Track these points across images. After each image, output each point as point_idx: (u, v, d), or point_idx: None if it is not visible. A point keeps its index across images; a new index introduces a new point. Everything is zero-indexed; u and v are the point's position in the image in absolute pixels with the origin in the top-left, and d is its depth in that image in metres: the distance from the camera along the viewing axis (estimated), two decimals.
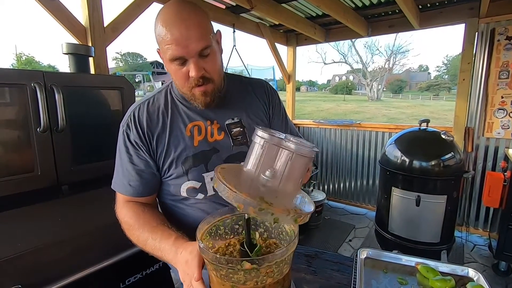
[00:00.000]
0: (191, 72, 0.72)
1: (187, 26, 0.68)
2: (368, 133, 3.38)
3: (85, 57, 1.42)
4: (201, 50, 0.70)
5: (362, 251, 0.93)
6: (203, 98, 0.78)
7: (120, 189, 0.83)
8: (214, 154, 0.83)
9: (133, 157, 0.81)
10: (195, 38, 0.69)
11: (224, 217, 0.67)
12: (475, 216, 2.80)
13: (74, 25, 1.65)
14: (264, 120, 0.93)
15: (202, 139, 0.83)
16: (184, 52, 0.69)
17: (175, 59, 0.71)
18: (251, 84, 0.95)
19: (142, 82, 26.70)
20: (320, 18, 3.05)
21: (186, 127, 0.82)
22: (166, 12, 0.70)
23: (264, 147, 0.55)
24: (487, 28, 2.51)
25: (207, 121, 0.84)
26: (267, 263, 0.53)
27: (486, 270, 2.33)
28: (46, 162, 1.19)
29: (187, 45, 0.68)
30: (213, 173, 0.81)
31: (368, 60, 37.09)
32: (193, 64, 0.71)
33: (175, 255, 0.66)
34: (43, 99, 1.13)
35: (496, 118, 2.55)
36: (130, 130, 0.81)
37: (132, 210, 0.80)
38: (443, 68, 57.82)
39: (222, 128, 0.85)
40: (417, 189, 2.03)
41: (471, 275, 0.82)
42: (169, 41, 0.68)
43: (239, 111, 0.89)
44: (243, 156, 0.79)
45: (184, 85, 0.76)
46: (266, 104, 0.95)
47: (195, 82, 0.74)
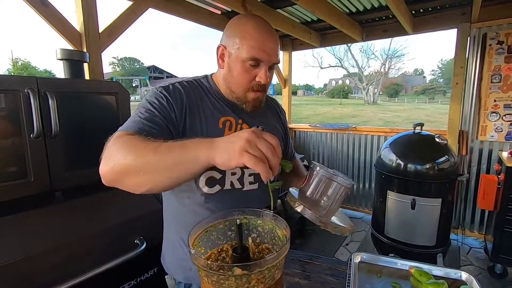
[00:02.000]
0: (260, 77, 0.79)
1: (275, 40, 0.80)
2: (364, 136, 3.40)
3: (79, 63, 1.42)
4: (274, 64, 0.81)
5: (356, 255, 0.94)
6: (255, 103, 0.85)
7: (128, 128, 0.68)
8: None
9: (158, 107, 0.73)
10: (276, 51, 0.80)
11: (216, 222, 0.67)
12: (471, 218, 2.81)
13: (69, 31, 1.65)
14: (280, 135, 1.02)
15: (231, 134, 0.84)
16: (265, 58, 0.77)
17: (253, 59, 0.77)
18: (273, 102, 1.07)
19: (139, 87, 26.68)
20: (315, 23, 3.08)
21: (219, 119, 0.85)
22: (260, 21, 0.79)
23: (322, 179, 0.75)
24: (479, 33, 2.55)
25: (239, 120, 0.88)
26: (259, 268, 0.53)
27: (482, 272, 2.34)
28: (39, 168, 1.18)
29: (270, 54, 0.77)
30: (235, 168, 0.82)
31: (364, 64, 37.54)
32: (265, 71, 0.79)
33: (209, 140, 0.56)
34: (36, 105, 1.13)
35: (489, 121, 2.58)
36: (167, 92, 0.78)
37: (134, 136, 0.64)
38: (438, 72, 58.46)
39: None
40: (412, 192, 2.04)
41: (464, 279, 0.82)
42: (258, 43, 0.76)
43: (263, 121, 0.96)
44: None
45: (243, 85, 0.81)
46: (281, 122, 1.05)
47: (257, 87, 0.81)
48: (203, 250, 0.64)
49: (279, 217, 0.67)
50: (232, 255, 0.61)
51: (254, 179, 0.89)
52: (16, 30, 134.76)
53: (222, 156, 0.53)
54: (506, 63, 2.47)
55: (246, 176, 0.88)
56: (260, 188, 0.91)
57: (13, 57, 31.92)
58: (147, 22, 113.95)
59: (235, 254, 0.60)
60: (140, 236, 1.27)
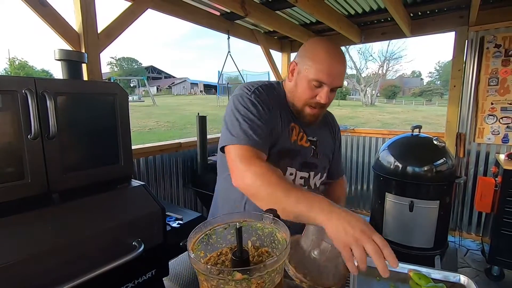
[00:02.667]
0: (320, 97, 0.87)
1: (342, 66, 0.86)
2: (362, 138, 3.41)
3: (78, 64, 1.41)
4: (336, 87, 0.88)
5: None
6: (310, 118, 0.94)
7: (241, 141, 0.81)
8: (298, 155, 0.98)
9: (259, 110, 0.87)
10: (341, 76, 0.87)
11: (216, 225, 0.67)
12: (468, 220, 2.83)
13: (67, 31, 1.64)
14: (330, 148, 1.11)
15: (295, 139, 0.97)
16: (328, 82, 0.85)
17: (317, 81, 0.85)
18: (330, 117, 1.15)
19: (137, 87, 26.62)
20: (314, 25, 3.09)
21: (290, 123, 0.96)
22: (330, 45, 0.86)
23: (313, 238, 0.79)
24: (477, 36, 2.56)
25: (301, 128, 0.99)
26: (258, 273, 0.52)
27: (479, 275, 2.34)
28: (36, 169, 1.17)
29: (334, 78, 0.85)
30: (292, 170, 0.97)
31: (362, 66, 37.59)
32: (326, 93, 0.87)
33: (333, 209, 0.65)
34: (34, 105, 1.12)
35: (486, 124, 2.60)
36: (260, 93, 0.90)
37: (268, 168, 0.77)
38: (435, 74, 58.83)
39: (307, 139, 1.01)
40: (410, 194, 2.05)
41: (462, 282, 0.83)
42: (325, 66, 0.83)
43: (319, 133, 1.05)
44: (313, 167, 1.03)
45: (304, 100, 0.91)
46: (334, 137, 1.14)
47: (315, 104, 0.90)
48: (202, 253, 0.64)
49: (279, 220, 0.67)
50: (232, 258, 0.60)
51: (304, 182, 1.00)
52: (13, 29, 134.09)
53: (333, 231, 0.62)
54: (503, 66, 2.48)
55: (298, 179, 0.98)
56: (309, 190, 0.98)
57: (10, 56, 31.69)
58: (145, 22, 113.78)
59: (234, 257, 0.59)
60: (138, 238, 1.26)
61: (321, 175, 1.06)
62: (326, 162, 1.08)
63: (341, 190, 1.20)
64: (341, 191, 1.20)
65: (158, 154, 2.42)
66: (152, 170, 2.39)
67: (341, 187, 1.22)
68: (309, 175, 1.01)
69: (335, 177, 1.20)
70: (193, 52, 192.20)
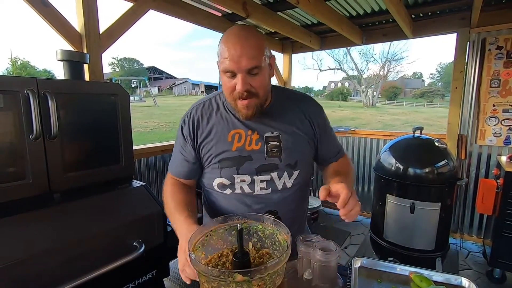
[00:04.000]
0: (237, 86, 0.83)
1: (243, 46, 0.80)
2: (363, 140, 3.40)
3: (79, 64, 1.41)
4: (250, 68, 0.81)
5: (356, 260, 0.93)
6: (244, 111, 0.88)
7: (170, 170, 1.05)
8: (247, 161, 0.94)
9: (183, 148, 0.99)
10: (247, 56, 0.79)
11: (217, 226, 0.67)
12: (469, 223, 2.82)
13: (69, 31, 1.65)
14: (303, 138, 0.99)
15: (240, 146, 0.94)
16: (235, 67, 0.80)
17: (226, 72, 0.83)
18: (298, 102, 1.03)
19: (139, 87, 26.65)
20: (315, 26, 3.09)
21: (229, 132, 0.94)
22: (229, 33, 0.84)
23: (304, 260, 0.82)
24: (478, 38, 2.56)
25: (249, 131, 0.94)
26: (259, 275, 0.52)
27: (481, 277, 2.33)
28: (38, 169, 1.17)
29: (239, 61, 0.80)
30: (243, 176, 0.95)
31: (363, 67, 37.63)
32: (240, 79, 0.82)
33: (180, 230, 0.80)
34: (36, 106, 1.12)
35: (488, 126, 2.59)
36: (184, 124, 0.98)
37: (173, 186, 1.00)
38: (436, 76, 58.76)
39: (261, 138, 0.95)
40: (411, 196, 2.04)
41: (464, 284, 0.82)
42: (226, 55, 0.80)
43: (280, 126, 0.96)
44: (273, 168, 0.96)
45: (229, 95, 0.87)
46: (309, 121, 1.01)
47: (239, 95, 0.84)
48: (203, 255, 0.64)
49: (280, 222, 0.67)
50: (232, 260, 0.60)
51: (266, 186, 0.96)
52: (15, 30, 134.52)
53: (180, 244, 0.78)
54: (505, 68, 2.48)
55: (258, 183, 0.95)
56: (273, 193, 0.96)
57: (12, 57, 31.80)
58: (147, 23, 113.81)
59: (235, 259, 0.59)
60: (139, 239, 1.26)
61: (291, 173, 0.97)
62: (298, 156, 0.97)
63: (340, 165, 1.06)
64: (341, 166, 1.06)
65: (159, 154, 2.42)
66: (153, 171, 2.39)
67: (340, 164, 1.07)
68: (271, 177, 0.95)
69: (329, 162, 1.08)
70: (194, 53, 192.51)
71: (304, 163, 1.00)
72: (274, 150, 0.94)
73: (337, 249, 0.83)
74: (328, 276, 0.82)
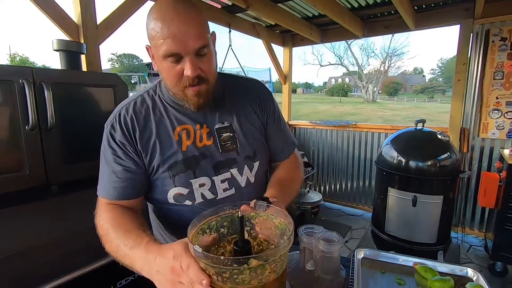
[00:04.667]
0: (186, 71, 0.68)
1: (187, 22, 0.65)
2: (364, 134, 3.38)
3: (76, 54, 1.39)
4: (199, 49, 0.67)
5: (359, 251, 0.92)
6: (196, 99, 0.73)
7: (103, 193, 0.77)
8: (202, 160, 0.79)
9: (120, 157, 0.75)
10: (194, 35, 0.66)
11: (208, 219, 0.65)
12: (471, 216, 2.80)
13: (66, 22, 1.61)
14: (256, 126, 0.87)
15: (190, 143, 0.78)
16: (181, 49, 0.66)
17: (170, 55, 0.67)
18: (246, 86, 0.90)
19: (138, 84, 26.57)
20: (316, 18, 3.05)
21: (174, 130, 0.78)
22: (162, 7, 0.67)
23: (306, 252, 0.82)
24: (482, 29, 2.52)
25: (197, 125, 0.79)
26: (273, 257, 0.51)
27: (482, 270, 2.33)
28: (35, 161, 1.15)
29: (185, 41, 0.65)
30: (201, 180, 0.79)
31: (364, 63, 37.42)
32: (189, 63, 0.67)
33: (147, 262, 0.57)
34: (31, 96, 1.10)
35: (491, 119, 2.56)
36: (114, 130, 0.76)
37: (109, 213, 0.73)
38: (437, 71, 58.51)
39: (211, 132, 0.81)
40: (413, 189, 2.03)
41: (470, 275, 0.81)
42: (165, 35, 0.65)
43: (230, 115, 0.84)
44: (231, 163, 0.83)
45: (176, 84, 0.72)
46: (260, 109, 0.89)
47: (189, 81, 0.70)
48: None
49: (274, 206, 0.65)
50: (234, 249, 0.58)
51: (228, 185, 0.82)
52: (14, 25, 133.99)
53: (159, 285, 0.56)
54: (509, 59, 2.44)
55: (218, 184, 0.81)
56: (238, 193, 0.83)
57: (11, 52, 31.67)
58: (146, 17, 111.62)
59: (236, 248, 0.57)
60: None
61: (251, 166, 0.85)
62: (254, 145, 0.86)
63: (287, 170, 0.93)
64: (288, 171, 0.93)
65: None
66: None
67: (288, 166, 0.95)
68: (231, 174, 0.82)
69: (281, 158, 0.95)
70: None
71: (262, 152, 0.89)
72: (229, 142, 0.81)
73: (340, 239, 0.81)
74: (331, 267, 0.80)
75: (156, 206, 0.85)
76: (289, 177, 0.90)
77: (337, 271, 0.82)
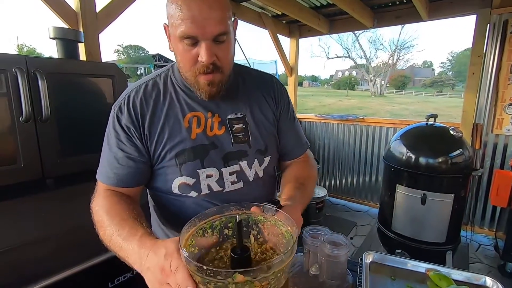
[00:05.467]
0: (201, 56, 0.64)
1: (210, 5, 0.61)
2: (372, 128, 3.29)
3: (74, 43, 1.33)
4: (217, 35, 0.63)
5: (367, 254, 0.86)
6: (208, 88, 0.70)
7: (102, 178, 0.75)
8: (212, 150, 0.75)
9: (123, 142, 0.72)
10: (215, 19, 0.62)
11: (211, 218, 0.59)
12: (481, 215, 2.72)
13: (64, 9, 1.56)
14: (270, 120, 0.84)
15: (201, 132, 0.75)
16: (199, 32, 0.62)
17: (186, 37, 0.63)
18: (261, 79, 0.87)
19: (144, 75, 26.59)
20: (325, 8, 2.93)
21: (184, 117, 0.74)
22: None
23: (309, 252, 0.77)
24: (500, 20, 2.39)
25: (208, 113, 0.76)
26: (263, 274, 0.45)
27: (492, 271, 2.26)
28: (30, 153, 1.11)
29: (204, 25, 0.61)
30: (209, 170, 0.75)
31: (372, 55, 36.79)
32: (205, 48, 0.63)
33: (139, 257, 0.54)
34: (25, 85, 1.05)
35: (506, 114, 2.45)
36: (121, 113, 0.73)
37: (106, 199, 0.71)
38: (447, 64, 57.26)
39: (223, 122, 0.77)
40: (423, 187, 1.95)
41: (488, 285, 0.74)
42: (184, 16, 0.61)
43: (243, 106, 0.80)
44: (242, 155, 0.79)
45: (189, 69, 0.68)
46: (274, 103, 0.86)
47: (203, 68, 0.66)
48: (196, 250, 0.57)
49: (282, 212, 0.59)
50: (231, 256, 0.53)
51: (237, 178, 0.78)
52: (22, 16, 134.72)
53: (149, 283, 0.53)
54: None
55: (227, 176, 0.77)
56: (246, 186, 0.79)
57: (19, 43, 31.87)
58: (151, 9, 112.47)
59: (233, 255, 0.52)
60: None
61: (261, 160, 0.81)
62: (266, 139, 0.82)
63: (303, 168, 0.89)
64: (303, 169, 0.89)
65: None
66: None
67: (302, 164, 0.91)
68: (240, 167, 0.78)
69: (293, 155, 0.91)
70: None
71: (273, 147, 0.86)
72: (241, 134, 0.78)
73: (347, 243, 0.76)
74: (336, 272, 0.75)
75: (158, 195, 0.81)
76: (306, 175, 0.85)
77: (343, 277, 0.76)
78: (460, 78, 49.51)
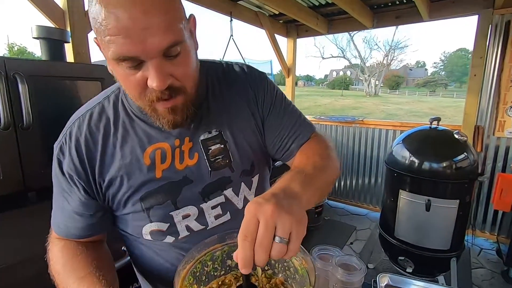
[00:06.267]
0: (150, 82, 0.46)
1: (145, 9, 0.41)
2: (371, 130, 3.23)
3: (59, 43, 1.23)
4: (167, 48, 0.44)
5: (382, 277, 0.78)
6: (171, 116, 0.53)
7: (53, 226, 0.63)
8: (185, 186, 0.61)
9: (67, 192, 0.59)
10: (158, 28, 0.42)
11: (211, 248, 0.51)
12: (482, 219, 2.68)
13: (50, 7, 1.46)
14: (252, 127, 0.66)
15: (167, 167, 0.60)
16: (138, 50, 0.43)
17: (123, 60, 0.44)
18: (231, 77, 0.67)
19: None
20: (324, 7, 2.87)
21: (144, 152, 0.58)
22: None
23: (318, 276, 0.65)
24: (502, 20, 2.35)
25: (175, 141, 0.60)
26: None
27: (495, 276, 2.21)
28: (10, 164, 1.02)
29: (143, 39, 0.42)
30: (186, 210, 0.62)
31: (367, 55, 36.96)
32: (154, 71, 0.45)
33: None
34: (3, 90, 0.95)
35: (508, 117, 2.41)
36: (63, 155, 0.58)
37: (62, 251, 0.60)
38: (440, 65, 57.93)
39: (195, 147, 0.61)
40: (426, 192, 1.89)
41: None
42: (112, 30, 0.41)
43: (218, 119, 0.63)
44: (225, 183, 0.64)
45: (139, 97, 0.50)
46: (253, 101, 0.67)
47: (157, 95, 0.49)
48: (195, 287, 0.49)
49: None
50: None
51: (222, 210, 0.65)
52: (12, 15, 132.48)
53: None
54: None
55: (209, 211, 0.63)
56: (234, 217, 0.66)
57: (9, 42, 31.28)
58: None
59: None
60: None
61: (249, 182, 0.68)
62: (251, 155, 0.67)
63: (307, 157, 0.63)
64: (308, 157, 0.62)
65: None
66: None
67: (307, 152, 0.65)
68: (224, 197, 0.64)
69: (295, 152, 0.67)
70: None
71: (262, 162, 0.71)
72: (220, 157, 0.63)
73: (362, 268, 0.68)
74: None
75: (129, 238, 0.68)
76: (311, 165, 0.57)
77: None
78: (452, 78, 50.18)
